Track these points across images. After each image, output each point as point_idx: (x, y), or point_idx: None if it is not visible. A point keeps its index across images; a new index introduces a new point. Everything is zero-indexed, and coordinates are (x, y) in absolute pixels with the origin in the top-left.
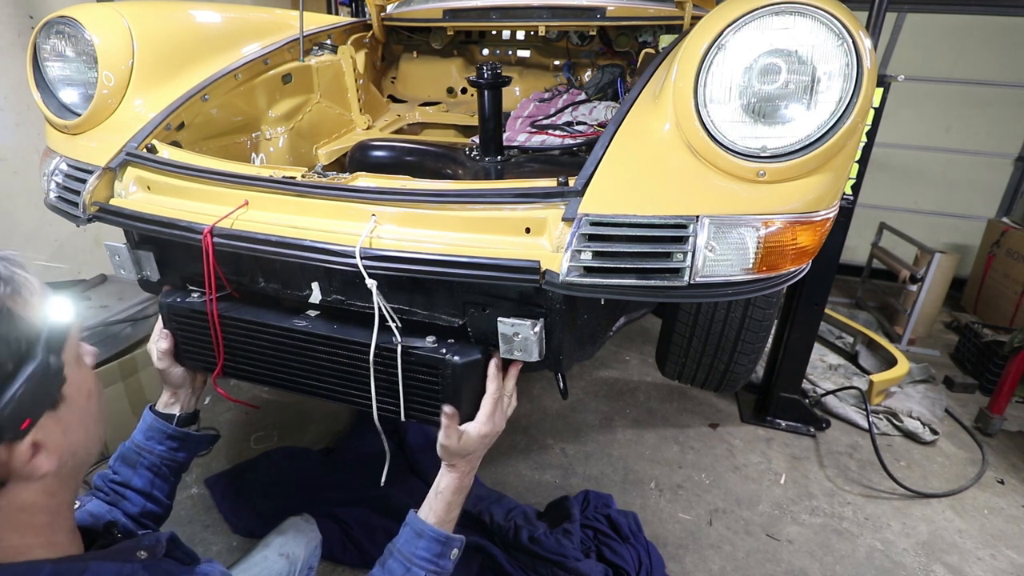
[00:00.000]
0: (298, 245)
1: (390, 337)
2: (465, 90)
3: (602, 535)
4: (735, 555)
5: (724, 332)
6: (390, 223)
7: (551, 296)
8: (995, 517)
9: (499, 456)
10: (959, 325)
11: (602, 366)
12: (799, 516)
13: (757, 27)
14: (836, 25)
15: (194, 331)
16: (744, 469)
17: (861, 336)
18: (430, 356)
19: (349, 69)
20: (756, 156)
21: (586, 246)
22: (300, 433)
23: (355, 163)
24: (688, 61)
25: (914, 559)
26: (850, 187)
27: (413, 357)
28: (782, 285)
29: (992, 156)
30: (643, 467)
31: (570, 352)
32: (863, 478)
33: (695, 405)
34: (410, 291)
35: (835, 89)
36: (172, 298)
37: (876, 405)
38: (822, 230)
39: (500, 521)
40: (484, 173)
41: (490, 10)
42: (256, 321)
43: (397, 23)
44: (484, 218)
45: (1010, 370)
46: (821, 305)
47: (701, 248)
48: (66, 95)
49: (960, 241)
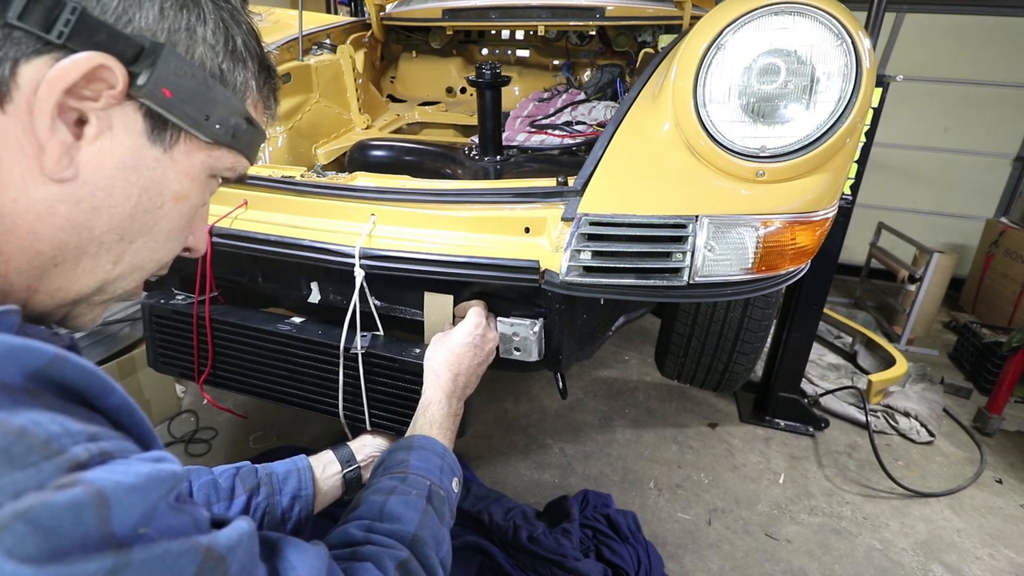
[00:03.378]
0: (297, 245)
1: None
2: (464, 90)
3: (601, 535)
4: (734, 554)
5: (723, 332)
6: (389, 223)
7: (550, 296)
8: (993, 516)
9: (498, 456)
10: (958, 325)
11: (601, 366)
12: (798, 516)
13: (756, 27)
14: (835, 25)
15: (176, 334)
16: (743, 469)
17: (860, 336)
18: (414, 363)
19: (348, 69)
20: (755, 156)
21: (585, 246)
22: (299, 433)
23: (354, 163)
24: (687, 61)
25: (913, 558)
26: (849, 187)
27: (397, 363)
28: (781, 285)
29: (991, 156)
30: (642, 467)
31: (569, 352)
32: (862, 478)
33: (694, 405)
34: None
35: (834, 89)
36: (155, 300)
37: (875, 405)
38: (821, 230)
39: (499, 521)
40: (483, 173)
41: (489, 10)
42: (243, 325)
43: (396, 23)
44: (483, 218)
45: (1008, 370)
46: (820, 305)
47: (700, 248)
48: None
49: (959, 241)
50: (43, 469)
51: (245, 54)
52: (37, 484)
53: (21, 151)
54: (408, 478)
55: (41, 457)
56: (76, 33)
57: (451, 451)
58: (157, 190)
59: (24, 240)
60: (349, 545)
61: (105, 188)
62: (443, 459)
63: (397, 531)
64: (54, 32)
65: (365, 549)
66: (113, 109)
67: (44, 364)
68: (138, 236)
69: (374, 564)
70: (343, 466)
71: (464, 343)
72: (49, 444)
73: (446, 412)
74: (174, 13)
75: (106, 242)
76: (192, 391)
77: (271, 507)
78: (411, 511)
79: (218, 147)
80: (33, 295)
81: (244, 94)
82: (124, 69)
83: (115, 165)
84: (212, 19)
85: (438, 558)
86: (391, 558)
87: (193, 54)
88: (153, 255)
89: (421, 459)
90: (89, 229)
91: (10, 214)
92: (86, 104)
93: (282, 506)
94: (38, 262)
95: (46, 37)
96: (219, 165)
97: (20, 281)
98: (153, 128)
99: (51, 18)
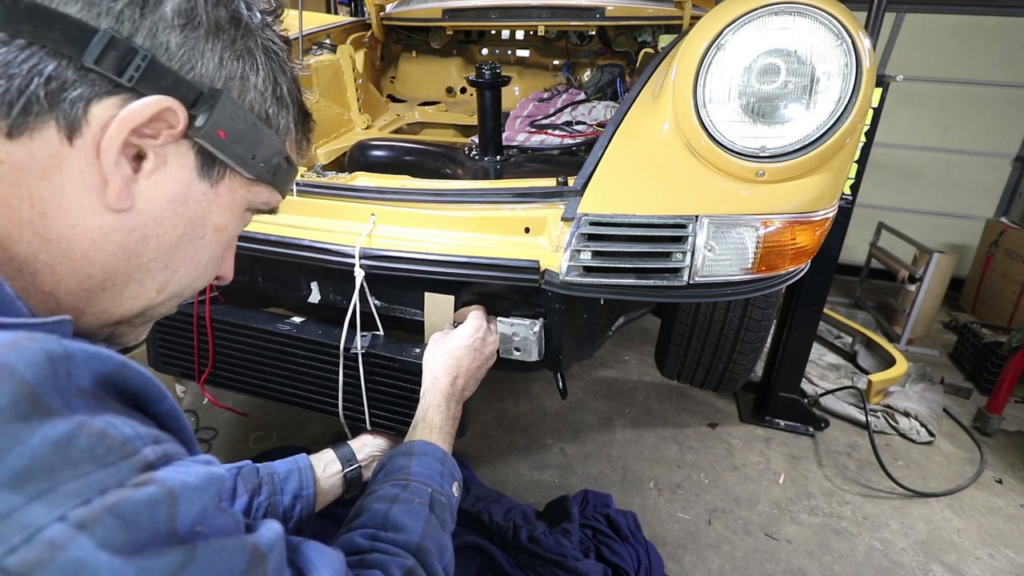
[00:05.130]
0: (297, 245)
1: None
2: (464, 90)
3: (601, 535)
4: (734, 554)
5: (723, 332)
6: (389, 223)
7: (550, 296)
8: (993, 516)
9: (498, 456)
10: (957, 325)
11: (601, 366)
12: (798, 516)
13: (756, 27)
14: (835, 25)
15: (175, 334)
16: (743, 469)
17: (860, 336)
18: (414, 363)
19: (348, 68)
20: (755, 156)
21: (585, 246)
22: (299, 433)
23: (354, 163)
24: (687, 61)
25: (913, 558)
26: (849, 187)
27: (397, 363)
28: (781, 285)
29: (991, 156)
30: (642, 467)
31: (569, 352)
32: (862, 478)
33: (694, 405)
34: (410, 291)
35: (834, 89)
36: None
37: (875, 405)
38: (821, 230)
39: (499, 521)
40: (483, 173)
41: (489, 10)
42: (243, 324)
43: (396, 22)
44: (483, 218)
45: (1008, 370)
46: (820, 305)
47: (700, 248)
48: None
49: (959, 241)
50: (121, 468)
51: (288, 100)
52: (118, 482)
53: (83, 182)
54: (410, 485)
55: (119, 457)
56: (145, 78)
57: (451, 455)
58: (201, 221)
59: (77, 263)
60: (356, 553)
61: (156, 219)
62: (443, 464)
63: (402, 541)
64: (126, 76)
65: (372, 557)
66: (169, 146)
67: (111, 370)
68: (181, 265)
69: (382, 572)
70: (344, 465)
71: (464, 346)
72: (125, 445)
73: (445, 416)
74: (231, 62)
75: (152, 269)
76: (192, 391)
77: (273, 506)
78: (415, 520)
79: (258, 183)
80: (80, 316)
81: (285, 136)
82: (186, 112)
83: (167, 198)
84: (264, 69)
85: (441, 566)
86: (398, 566)
87: (245, 99)
88: (192, 283)
89: (422, 465)
90: (138, 256)
91: (67, 239)
92: (147, 141)
93: (284, 505)
94: (88, 284)
95: (118, 80)
96: (256, 200)
97: (68, 302)
98: (203, 164)
99: (124, 63)
